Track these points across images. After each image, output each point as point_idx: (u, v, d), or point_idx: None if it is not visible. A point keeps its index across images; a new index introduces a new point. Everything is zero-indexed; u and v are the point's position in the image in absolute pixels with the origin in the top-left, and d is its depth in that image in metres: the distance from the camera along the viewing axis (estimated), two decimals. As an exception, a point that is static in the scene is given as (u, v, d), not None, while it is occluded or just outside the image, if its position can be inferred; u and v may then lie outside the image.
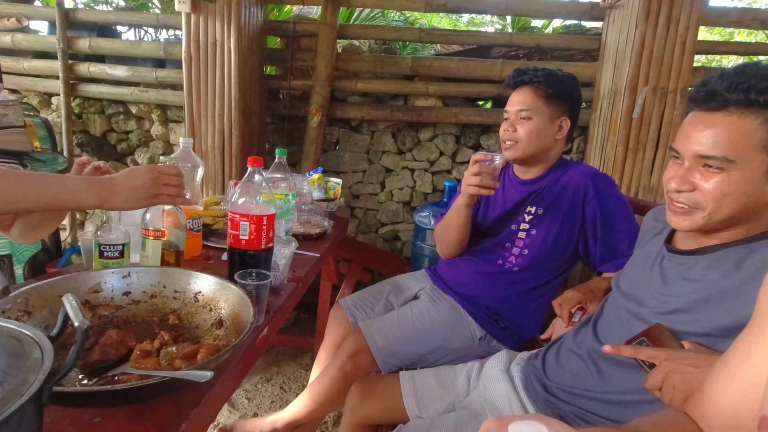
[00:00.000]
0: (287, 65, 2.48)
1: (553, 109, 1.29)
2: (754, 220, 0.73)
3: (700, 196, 0.73)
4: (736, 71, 0.70)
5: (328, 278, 2.29)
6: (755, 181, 0.69)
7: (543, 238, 1.32)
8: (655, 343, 0.74)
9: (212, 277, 0.89)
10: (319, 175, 2.02)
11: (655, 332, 0.75)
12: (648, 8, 1.97)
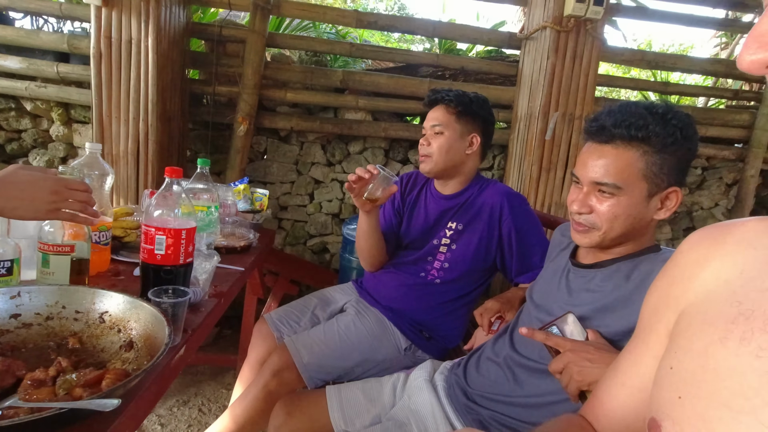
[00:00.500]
0: (212, 70, 2.38)
1: (464, 126, 1.38)
2: (639, 237, 0.84)
3: (596, 217, 0.82)
4: (620, 109, 0.80)
5: (254, 292, 2.20)
6: (639, 205, 0.80)
7: (463, 253, 1.39)
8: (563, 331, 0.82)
9: (122, 295, 0.82)
10: (244, 186, 1.95)
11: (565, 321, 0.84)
12: (557, 43, 2.19)
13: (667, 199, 0.82)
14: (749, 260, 0.43)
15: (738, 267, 0.44)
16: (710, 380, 0.39)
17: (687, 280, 0.48)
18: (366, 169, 1.27)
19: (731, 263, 0.44)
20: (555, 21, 2.16)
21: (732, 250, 0.45)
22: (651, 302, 0.54)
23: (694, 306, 0.46)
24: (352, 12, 2.39)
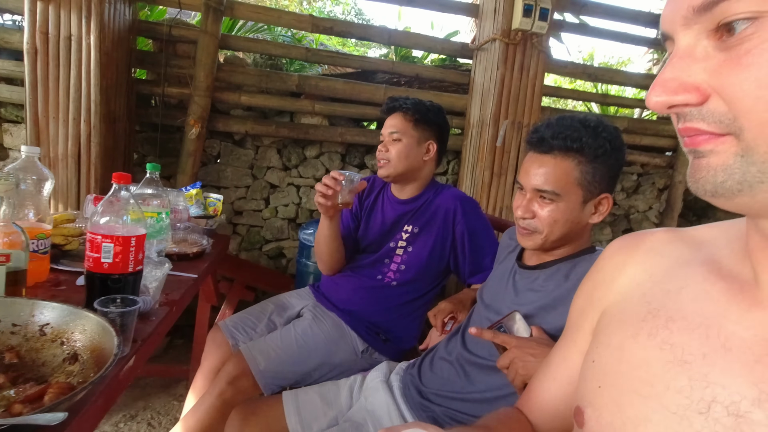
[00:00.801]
0: (161, 70, 2.30)
1: (421, 133, 1.43)
2: (576, 239, 0.91)
3: (539, 222, 0.89)
4: (557, 122, 0.87)
5: (207, 299, 2.14)
6: (575, 210, 0.87)
7: (418, 255, 1.43)
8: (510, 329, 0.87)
9: (64, 305, 0.78)
10: (197, 191, 1.89)
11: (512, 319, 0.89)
12: (506, 54, 2.30)
13: (600, 204, 0.90)
14: (657, 266, 0.49)
15: (648, 272, 0.50)
16: (624, 371, 0.44)
17: (608, 284, 0.54)
18: (332, 179, 1.27)
19: (642, 269, 0.51)
20: (504, 34, 2.27)
21: (643, 257, 0.52)
22: (578, 303, 0.59)
23: (613, 306, 0.51)
24: (307, 17, 2.39)
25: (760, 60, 0.30)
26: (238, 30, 2.85)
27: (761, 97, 0.31)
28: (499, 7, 2.28)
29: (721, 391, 0.37)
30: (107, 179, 2.12)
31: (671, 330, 0.42)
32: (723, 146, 0.34)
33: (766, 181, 0.32)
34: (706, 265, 0.45)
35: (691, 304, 0.43)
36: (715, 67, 0.33)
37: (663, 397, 0.40)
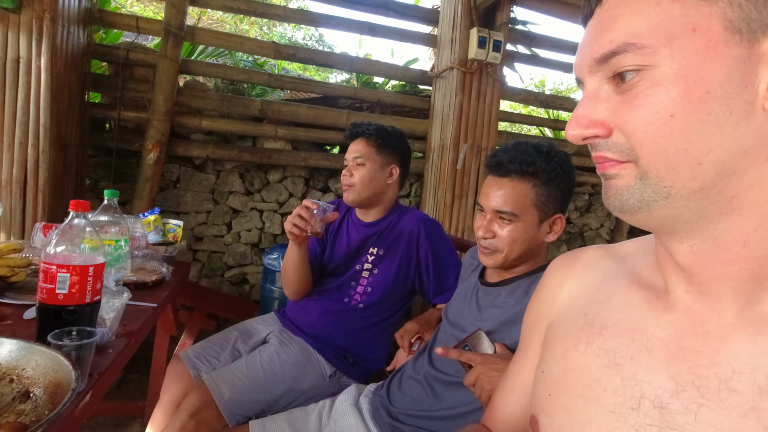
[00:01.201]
0: (117, 94, 2.25)
1: (384, 157, 1.47)
2: (534, 257, 0.97)
3: (499, 241, 0.93)
4: (513, 147, 0.93)
5: (166, 329, 2.05)
6: (532, 229, 0.92)
7: (384, 276, 1.45)
8: (475, 346, 0.90)
9: (14, 340, 0.74)
10: (155, 217, 1.84)
11: (476, 337, 0.92)
12: (463, 82, 2.41)
13: (554, 224, 0.96)
14: (590, 280, 0.55)
15: (584, 285, 0.55)
16: (569, 378, 0.48)
17: (551, 299, 0.59)
18: (306, 210, 1.29)
19: (579, 283, 0.56)
20: (460, 63, 2.39)
21: (579, 272, 0.57)
22: (528, 319, 0.64)
23: (556, 319, 0.56)
24: (270, 43, 2.42)
25: (645, 102, 0.37)
26: (198, 54, 2.84)
27: (648, 132, 0.37)
28: (456, 38, 2.41)
29: (648, 387, 0.41)
30: (56, 206, 2.02)
31: (605, 337, 0.47)
32: (626, 171, 0.40)
33: (659, 200, 0.38)
34: (629, 277, 0.50)
35: (619, 312, 0.48)
36: (614, 107, 0.40)
37: (602, 399, 0.44)
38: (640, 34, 0.37)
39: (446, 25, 2.49)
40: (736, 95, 0.36)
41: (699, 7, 0.36)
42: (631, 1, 0.38)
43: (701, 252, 0.40)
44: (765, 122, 0.36)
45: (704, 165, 0.37)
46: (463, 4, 2.35)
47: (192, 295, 2.25)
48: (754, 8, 0.35)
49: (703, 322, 0.41)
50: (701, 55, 0.36)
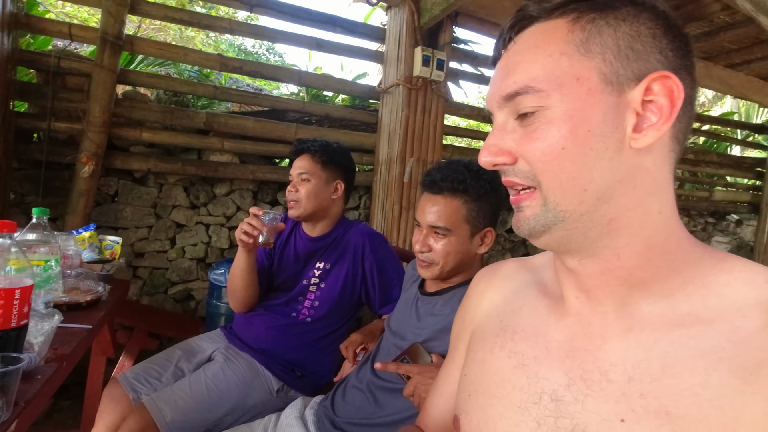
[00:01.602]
0: (47, 104, 2.12)
1: (329, 173, 1.50)
2: (469, 268, 1.04)
3: (434, 255, 1.00)
4: (446, 166, 1.00)
5: (102, 352, 1.94)
6: (465, 243, 0.99)
7: (331, 290, 1.47)
8: (413, 358, 0.95)
9: (-72, 371, 0.70)
10: (91, 233, 1.75)
11: (414, 350, 0.97)
12: (409, 98, 2.50)
13: (485, 236, 1.03)
14: (507, 290, 0.62)
15: (502, 295, 0.62)
16: (486, 379, 0.54)
17: (474, 308, 0.65)
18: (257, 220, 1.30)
19: (498, 293, 0.63)
20: (406, 80, 2.48)
21: (499, 283, 0.64)
22: (455, 327, 0.70)
23: (478, 326, 0.62)
24: (215, 56, 2.39)
25: (542, 137, 0.45)
26: (139, 63, 2.74)
27: (546, 161, 0.45)
28: (401, 56, 2.50)
29: (547, 383, 0.48)
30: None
31: (515, 341, 0.53)
32: (534, 201, 0.47)
33: (557, 223, 0.46)
34: (537, 286, 0.57)
35: (527, 318, 0.55)
36: (518, 138, 0.47)
37: (511, 396, 0.50)
38: (538, 79, 0.44)
39: (392, 43, 2.58)
40: (610, 134, 0.43)
41: (581, 61, 0.44)
42: (530, 52, 0.46)
43: (586, 264, 0.48)
44: (632, 157, 0.44)
45: (588, 191, 0.44)
46: (407, 24, 2.45)
47: (132, 314, 2.15)
48: (621, 66, 0.44)
49: (590, 324, 0.48)
50: (583, 100, 0.43)
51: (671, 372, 0.41)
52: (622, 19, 0.44)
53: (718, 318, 0.42)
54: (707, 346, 0.41)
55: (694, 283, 0.45)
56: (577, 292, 0.50)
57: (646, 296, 0.46)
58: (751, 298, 0.42)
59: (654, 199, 0.46)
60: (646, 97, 0.44)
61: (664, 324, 0.44)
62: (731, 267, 0.45)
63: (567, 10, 0.45)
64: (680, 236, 0.47)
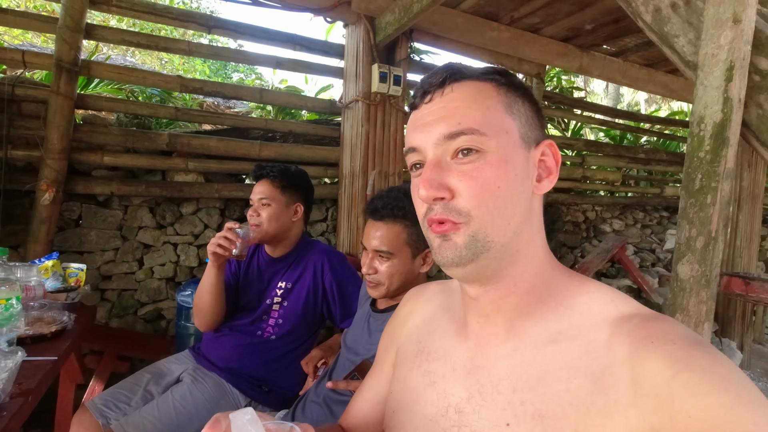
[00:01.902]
0: (2, 132, 2.11)
1: (288, 197, 1.57)
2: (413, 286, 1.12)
3: (380, 276, 1.08)
4: (387, 194, 1.09)
5: (70, 379, 1.95)
6: (407, 264, 1.08)
7: (293, 308, 1.54)
8: (362, 375, 1.02)
9: None
10: (54, 262, 1.77)
11: (363, 367, 1.04)
12: (368, 113, 2.59)
13: (426, 257, 1.12)
14: (428, 312, 0.70)
15: (422, 317, 0.70)
16: (405, 396, 0.63)
17: (400, 327, 0.73)
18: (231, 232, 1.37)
19: (420, 314, 0.71)
20: (365, 96, 2.56)
21: (422, 305, 0.72)
22: (384, 341, 0.78)
23: (402, 345, 0.70)
24: (175, 77, 2.42)
25: (482, 176, 0.51)
26: (98, 84, 2.74)
27: (484, 197, 0.51)
28: (359, 72, 2.58)
29: (452, 398, 0.57)
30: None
31: (429, 361, 0.62)
32: (462, 231, 0.52)
33: (484, 252, 0.52)
34: (449, 311, 0.66)
35: (439, 341, 0.63)
36: (456, 175, 0.52)
37: (425, 410, 0.59)
38: (481, 123, 0.51)
39: (351, 60, 2.66)
40: (526, 180, 0.53)
41: (508, 119, 0.53)
42: (469, 100, 0.53)
43: (490, 291, 0.56)
44: (534, 201, 0.55)
45: (511, 225, 0.52)
46: (364, 42, 2.53)
47: (100, 337, 2.16)
48: (529, 130, 0.54)
49: (486, 344, 0.57)
50: (512, 149, 0.53)
51: (544, 382, 0.51)
52: (523, 98, 0.56)
53: (579, 334, 0.51)
54: (571, 358, 0.50)
55: (563, 305, 0.54)
56: (478, 317, 0.58)
57: (529, 318, 0.55)
58: (602, 315, 0.52)
59: (539, 235, 0.56)
60: (541, 157, 0.55)
61: (541, 342, 0.53)
62: (588, 289, 0.55)
63: (490, 77, 0.55)
64: (554, 265, 0.57)
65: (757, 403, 0.41)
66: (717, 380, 0.42)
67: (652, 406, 0.44)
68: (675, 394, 0.43)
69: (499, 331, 0.56)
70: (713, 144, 1.05)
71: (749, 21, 1.01)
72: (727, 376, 0.43)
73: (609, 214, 4.39)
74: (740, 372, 0.45)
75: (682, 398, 0.42)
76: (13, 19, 2.14)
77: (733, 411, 0.40)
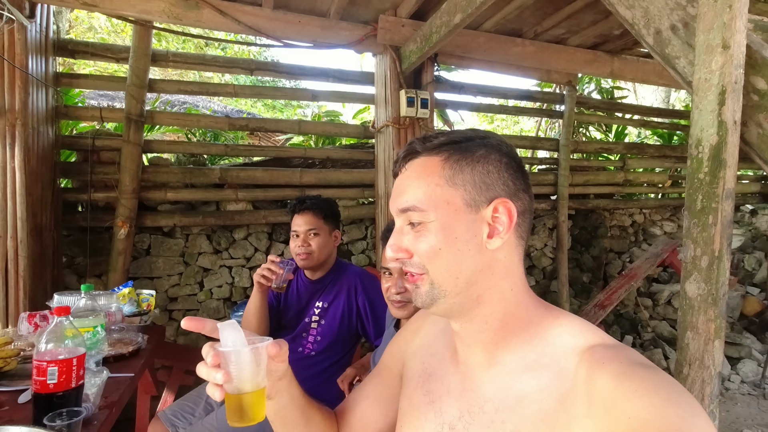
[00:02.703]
0: (86, 178, 2.47)
1: (329, 226, 1.73)
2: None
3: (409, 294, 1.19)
4: None
5: (146, 391, 2.23)
6: None
7: (330, 326, 1.69)
8: None
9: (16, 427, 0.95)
10: (129, 289, 2.05)
11: None
12: (398, 136, 2.72)
13: None
14: (431, 334, 0.80)
15: (428, 338, 0.81)
16: (410, 413, 0.74)
17: (408, 341, 0.84)
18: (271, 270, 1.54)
19: (425, 334, 0.81)
20: (394, 120, 2.70)
21: (428, 326, 0.82)
22: (391, 349, 0.87)
23: (409, 362, 0.81)
24: (223, 118, 2.71)
25: (426, 240, 0.63)
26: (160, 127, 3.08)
27: (430, 257, 0.63)
28: (389, 98, 2.73)
29: (447, 416, 0.68)
30: (36, 288, 2.21)
31: (430, 382, 0.73)
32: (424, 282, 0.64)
33: (441, 298, 0.63)
34: (448, 335, 0.76)
35: (438, 364, 0.74)
36: (411, 239, 0.64)
37: (425, 427, 0.70)
38: (421, 200, 0.63)
39: (380, 87, 2.82)
40: (471, 240, 0.63)
41: (449, 191, 0.63)
42: (416, 179, 0.65)
43: (465, 328, 0.67)
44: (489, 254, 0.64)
45: (460, 278, 0.63)
46: (391, 70, 2.68)
47: (169, 354, 2.43)
48: (477, 194, 0.64)
49: (473, 370, 0.68)
50: (451, 217, 0.63)
51: (522, 404, 0.61)
52: (477, 160, 0.64)
53: (552, 362, 0.61)
54: (544, 383, 0.60)
55: (538, 336, 0.64)
56: (463, 347, 0.69)
57: (507, 349, 0.65)
58: (571, 345, 0.61)
59: (506, 281, 0.66)
60: (494, 214, 0.64)
61: (519, 369, 0.63)
62: (561, 322, 0.64)
63: (441, 150, 0.65)
64: (528, 303, 0.67)
65: (685, 402, 0.50)
66: (651, 386, 0.52)
67: (602, 413, 0.53)
68: (618, 401, 0.52)
69: (482, 359, 0.66)
70: (711, 166, 1.08)
71: (739, 46, 1.04)
72: (660, 383, 0.52)
73: (659, 216, 4.20)
74: (674, 381, 0.54)
75: (623, 403, 0.52)
76: (92, 82, 2.51)
77: (664, 409, 0.49)
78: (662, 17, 1.28)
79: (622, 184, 3.87)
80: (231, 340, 0.62)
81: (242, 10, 2.33)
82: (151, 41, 2.44)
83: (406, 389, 0.78)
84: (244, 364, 0.61)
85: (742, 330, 3.54)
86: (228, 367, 0.60)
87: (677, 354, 1.17)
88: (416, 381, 0.76)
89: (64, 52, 2.41)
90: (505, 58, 2.83)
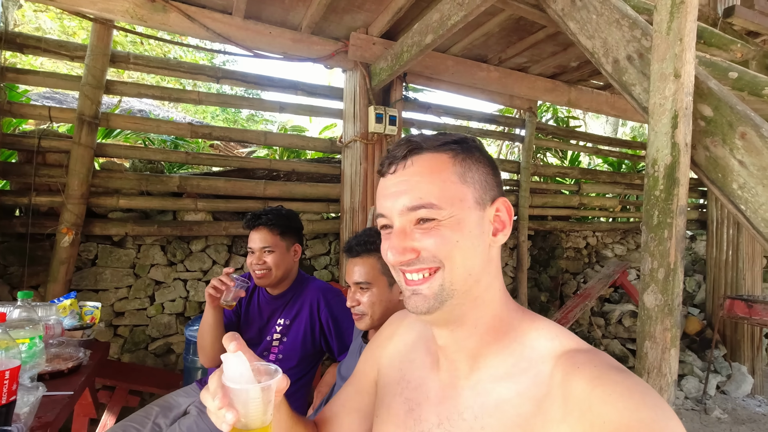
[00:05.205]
0: (28, 180, 2.29)
1: (288, 241, 1.65)
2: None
3: (363, 307, 1.18)
4: (363, 233, 1.21)
5: (84, 413, 2.04)
6: (386, 292, 1.18)
7: (293, 344, 1.63)
8: None
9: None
10: (71, 301, 1.89)
11: None
12: (366, 152, 2.74)
13: None
14: (408, 339, 0.79)
15: (404, 342, 0.79)
16: (390, 420, 0.72)
17: (383, 347, 0.82)
18: (222, 281, 1.46)
19: (401, 340, 0.80)
20: (362, 136, 2.72)
21: (403, 332, 0.81)
22: (366, 354, 0.85)
23: (383, 368, 0.79)
24: (186, 125, 2.61)
25: (437, 234, 0.60)
26: (118, 134, 2.93)
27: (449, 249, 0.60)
28: (357, 114, 2.75)
29: (426, 424, 0.66)
30: (-37, 299, 2.00)
31: (409, 389, 0.71)
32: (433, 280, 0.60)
33: (449, 299, 0.61)
34: (427, 341, 0.74)
35: (417, 371, 0.72)
36: (419, 238, 0.61)
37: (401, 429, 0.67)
38: (437, 197, 0.60)
39: (349, 102, 2.83)
40: (481, 235, 0.63)
41: (462, 187, 0.62)
42: (427, 175, 0.62)
43: (455, 332, 0.65)
44: (491, 251, 0.64)
45: (471, 275, 0.62)
46: (360, 86, 2.71)
47: (113, 373, 2.26)
48: (483, 192, 0.63)
49: (453, 378, 0.67)
50: (465, 212, 0.61)
51: (501, 409, 0.60)
52: (478, 160, 0.64)
53: (530, 366, 0.61)
54: (522, 388, 0.60)
55: (517, 341, 0.64)
56: (444, 357, 0.68)
57: (487, 355, 0.64)
58: (547, 350, 0.61)
59: (497, 281, 0.66)
60: (496, 213, 0.64)
61: (498, 375, 0.63)
62: (537, 326, 0.65)
63: (449, 148, 0.63)
64: (510, 306, 0.67)
65: (658, 405, 0.52)
66: (625, 390, 0.53)
67: (577, 417, 0.53)
68: (593, 405, 0.53)
69: (465, 366, 0.66)
70: (666, 184, 1.15)
71: (688, 75, 1.13)
72: (633, 387, 0.53)
73: (610, 240, 4.43)
74: (647, 385, 0.55)
75: (598, 407, 0.52)
76: (42, 79, 2.36)
77: (638, 411, 0.51)
78: (619, 48, 1.38)
79: (577, 207, 4.06)
80: (238, 373, 0.58)
81: (211, 17, 2.29)
82: (111, 41, 2.34)
83: (384, 396, 0.76)
84: (253, 401, 0.58)
85: (685, 348, 3.74)
86: (236, 404, 0.57)
87: (636, 363, 1.21)
88: (395, 388, 0.74)
89: (11, 45, 2.26)
90: (471, 82, 2.94)
